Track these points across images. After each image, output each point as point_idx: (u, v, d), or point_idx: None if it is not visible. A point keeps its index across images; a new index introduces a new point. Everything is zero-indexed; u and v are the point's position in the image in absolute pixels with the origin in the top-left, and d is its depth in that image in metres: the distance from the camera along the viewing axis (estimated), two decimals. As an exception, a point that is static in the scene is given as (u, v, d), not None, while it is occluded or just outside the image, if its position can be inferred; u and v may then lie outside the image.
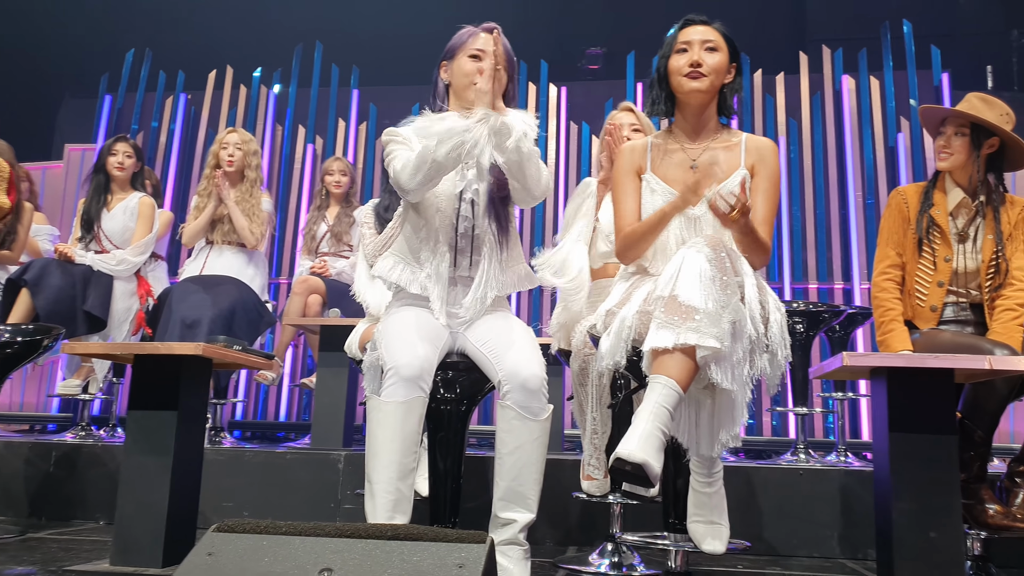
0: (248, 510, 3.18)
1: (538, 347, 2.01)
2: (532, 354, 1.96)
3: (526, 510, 1.93)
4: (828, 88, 6.10)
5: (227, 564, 1.18)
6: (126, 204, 4.10)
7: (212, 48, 7.05)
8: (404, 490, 1.85)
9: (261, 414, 6.10)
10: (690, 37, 2.03)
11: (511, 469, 1.92)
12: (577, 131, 6.28)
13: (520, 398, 1.91)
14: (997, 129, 2.51)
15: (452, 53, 2.17)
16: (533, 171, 1.99)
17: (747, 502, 2.96)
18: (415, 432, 1.88)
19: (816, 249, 5.84)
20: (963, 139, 2.54)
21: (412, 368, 1.87)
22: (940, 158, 2.57)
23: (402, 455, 1.85)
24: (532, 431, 1.92)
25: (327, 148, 6.48)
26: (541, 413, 1.93)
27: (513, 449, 1.91)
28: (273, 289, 6.05)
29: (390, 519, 1.83)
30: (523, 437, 1.91)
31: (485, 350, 1.99)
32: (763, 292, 1.83)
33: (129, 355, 2.43)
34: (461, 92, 2.13)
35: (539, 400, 1.92)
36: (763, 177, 2.01)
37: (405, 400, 1.86)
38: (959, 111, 2.56)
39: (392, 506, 1.83)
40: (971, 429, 2.29)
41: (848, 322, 3.90)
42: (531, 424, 1.92)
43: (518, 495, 1.92)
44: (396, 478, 1.84)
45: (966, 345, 2.28)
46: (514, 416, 1.91)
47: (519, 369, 1.91)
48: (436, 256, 2.05)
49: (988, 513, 2.28)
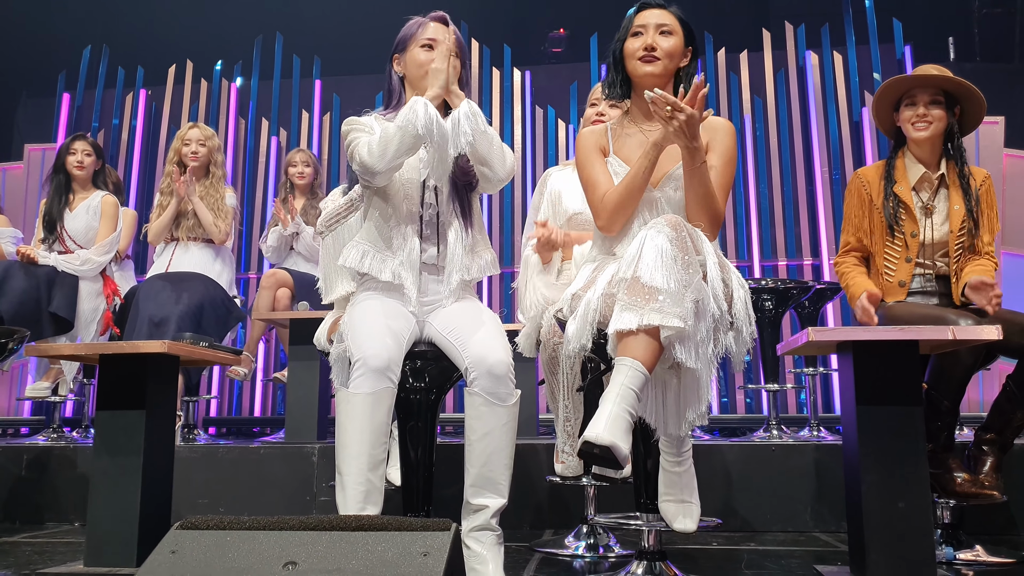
0: (223, 506, 3.16)
1: (504, 332, 2.01)
2: (497, 340, 1.95)
3: (497, 495, 1.93)
4: (792, 65, 6.14)
5: (191, 561, 1.17)
6: (88, 203, 4.04)
7: (171, 43, 6.93)
8: (375, 481, 1.85)
9: (236, 410, 6.06)
10: (645, 20, 2.03)
11: (481, 455, 1.92)
12: (542, 115, 6.26)
13: (487, 384, 1.91)
14: (966, 89, 2.49)
15: (404, 45, 2.16)
16: (497, 152, 2.01)
17: (722, 480, 2.99)
18: (384, 423, 1.87)
19: (784, 226, 5.89)
20: (939, 108, 2.51)
21: (379, 359, 1.86)
22: (918, 128, 2.51)
23: (371, 446, 1.84)
24: (500, 416, 1.92)
25: (291, 140, 6.42)
26: (509, 398, 1.94)
27: (482, 435, 1.91)
28: (242, 284, 5.99)
29: (361, 510, 1.82)
30: (491, 423, 1.91)
31: (451, 337, 1.99)
32: (725, 270, 1.83)
33: (95, 355, 2.40)
34: (417, 83, 2.12)
35: (506, 385, 1.92)
36: (717, 154, 2.01)
37: (373, 391, 1.85)
38: (932, 76, 2.52)
39: (363, 497, 1.83)
40: (937, 399, 2.32)
41: (817, 297, 3.94)
42: (499, 410, 1.92)
43: (489, 481, 1.92)
44: (366, 469, 1.84)
45: (931, 316, 2.30)
46: (482, 402, 1.91)
47: (485, 355, 1.91)
48: (407, 243, 2.05)
49: (956, 482, 2.31)
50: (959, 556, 2.34)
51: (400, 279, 2.02)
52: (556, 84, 6.36)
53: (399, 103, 2.15)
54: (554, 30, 6.95)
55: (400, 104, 2.13)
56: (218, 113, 6.53)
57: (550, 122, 6.23)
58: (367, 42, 6.79)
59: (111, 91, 6.72)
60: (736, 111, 6.09)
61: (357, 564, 1.13)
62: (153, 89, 6.68)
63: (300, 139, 6.40)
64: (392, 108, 2.15)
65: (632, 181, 1.94)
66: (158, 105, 6.67)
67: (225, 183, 4.07)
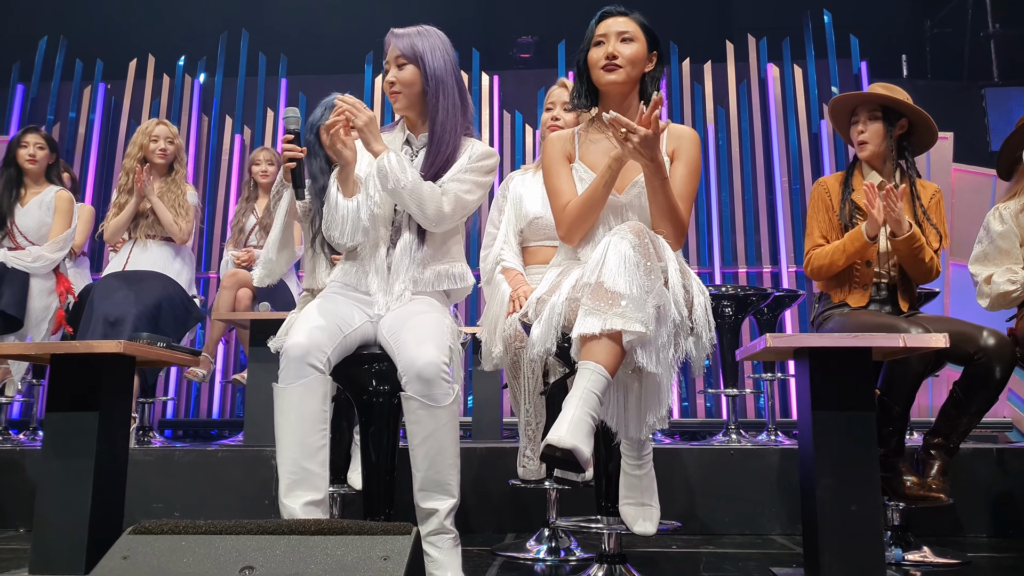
0: (179, 511, 3.10)
1: (443, 332, 1.96)
2: (429, 341, 1.90)
3: (447, 496, 1.91)
4: (754, 76, 6.24)
5: (144, 567, 1.15)
6: (41, 198, 3.94)
7: (132, 36, 6.80)
8: (313, 468, 1.84)
9: (193, 412, 5.96)
10: (606, 29, 2.05)
11: (425, 459, 1.89)
12: (510, 119, 6.28)
13: (418, 388, 1.87)
14: (905, 106, 2.61)
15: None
16: (413, 204, 2.02)
17: (681, 483, 3.02)
18: (317, 411, 1.87)
19: (745, 234, 5.98)
20: (877, 123, 2.63)
21: (298, 348, 1.88)
22: (859, 143, 2.66)
23: (303, 435, 1.84)
24: (439, 418, 1.88)
25: (255, 138, 6.34)
26: (444, 399, 1.89)
27: (423, 439, 1.88)
28: (202, 284, 5.90)
29: (295, 498, 1.82)
30: (430, 425, 1.88)
31: (391, 340, 1.97)
32: (686, 276, 1.86)
33: (46, 355, 2.33)
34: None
35: (438, 387, 1.87)
36: (682, 162, 2.03)
37: (297, 382, 1.86)
38: (869, 93, 2.66)
39: (294, 484, 1.83)
40: (889, 405, 2.38)
41: (776, 305, 4.00)
42: (436, 411, 1.88)
43: (436, 483, 1.89)
44: (299, 458, 1.83)
45: (883, 325, 2.36)
46: (418, 406, 1.88)
47: (414, 359, 1.87)
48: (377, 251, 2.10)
49: (906, 485, 2.37)
50: (907, 557, 2.40)
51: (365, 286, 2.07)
52: (524, 89, 6.39)
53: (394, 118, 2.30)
54: (523, 36, 6.98)
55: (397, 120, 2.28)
56: (180, 109, 6.43)
57: (517, 127, 6.26)
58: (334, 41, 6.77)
59: (68, 83, 6.57)
60: (699, 120, 6.17)
61: (316, 569, 1.12)
62: (113, 83, 6.55)
63: (264, 138, 6.33)
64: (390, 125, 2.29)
65: (592, 195, 1.96)
66: (118, 99, 6.54)
67: (186, 180, 4.01)
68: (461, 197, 2.07)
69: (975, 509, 2.95)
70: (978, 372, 2.35)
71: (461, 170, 2.09)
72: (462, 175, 2.09)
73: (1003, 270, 2.65)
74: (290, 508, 1.84)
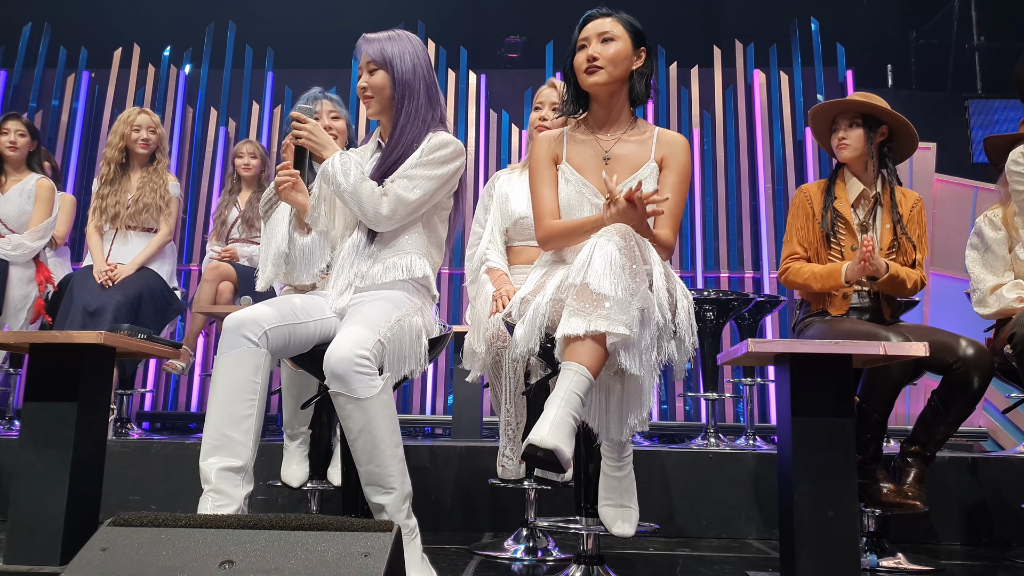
0: (156, 503, 3.08)
1: (376, 323, 1.91)
2: (347, 335, 1.85)
3: (389, 489, 1.85)
4: (740, 82, 6.28)
5: (122, 559, 1.14)
6: (22, 186, 3.90)
7: (117, 25, 6.74)
8: (234, 435, 1.82)
9: (172, 405, 5.92)
10: (588, 32, 2.07)
11: (363, 453, 1.85)
12: (497, 119, 6.28)
13: (335, 384, 1.82)
14: (885, 113, 2.63)
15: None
16: (356, 209, 2.07)
17: (659, 486, 3.04)
18: (246, 381, 1.85)
19: (727, 239, 6.01)
20: (857, 129, 2.66)
21: (234, 320, 1.89)
22: (840, 150, 2.69)
23: (227, 403, 1.83)
24: (367, 409, 1.82)
25: (240, 131, 6.30)
26: (365, 391, 1.82)
27: (358, 433, 1.84)
28: (183, 276, 5.86)
29: (211, 463, 1.81)
30: (360, 419, 1.83)
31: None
32: (671, 280, 1.87)
33: (24, 344, 2.31)
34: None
35: (355, 380, 1.81)
36: (672, 171, 2.05)
37: (229, 352, 1.87)
38: (849, 101, 2.69)
39: (213, 449, 1.81)
40: (868, 412, 2.40)
41: (757, 310, 4.03)
42: (363, 403, 1.82)
43: (379, 476, 1.85)
44: (221, 424, 1.82)
45: (864, 332, 2.38)
46: (345, 400, 1.83)
47: (328, 356, 1.83)
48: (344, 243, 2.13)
49: (882, 492, 2.40)
50: (882, 563, 2.42)
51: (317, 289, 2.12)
52: (511, 89, 6.39)
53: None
54: (511, 36, 6.98)
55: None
56: (165, 100, 6.37)
57: (504, 126, 6.26)
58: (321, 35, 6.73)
59: (51, 71, 6.50)
60: (685, 125, 6.20)
61: (296, 564, 1.11)
62: (97, 72, 6.48)
63: (249, 130, 6.29)
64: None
65: (578, 229, 1.98)
66: (102, 88, 6.47)
67: (169, 171, 3.98)
68: (402, 196, 2.06)
69: (949, 517, 2.98)
70: (956, 381, 2.37)
71: (411, 165, 2.09)
72: (411, 170, 2.08)
73: (1011, 284, 2.68)
74: (205, 472, 1.82)
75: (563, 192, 2.07)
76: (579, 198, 2.06)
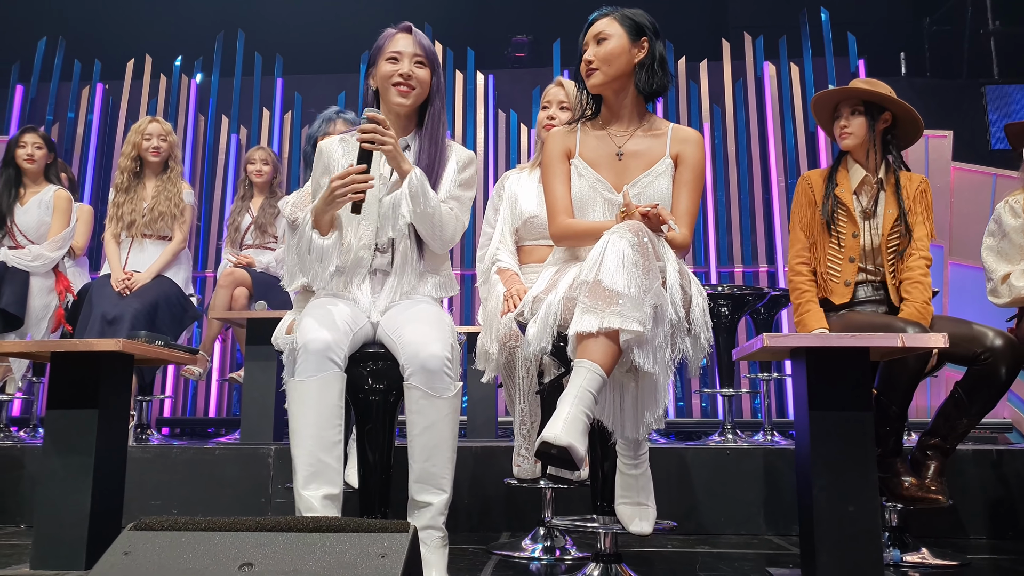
0: (176, 508, 3.11)
1: (444, 327, 1.97)
2: (432, 333, 1.92)
3: (440, 490, 1.91)
4: (750, 75, 6.25)
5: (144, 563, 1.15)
6: (40, 197, 3.96)
7: (129, 37, 6.80)
8: (329, 461, 1.84)
9: (190, 410, 5.97)
10: (588, 37, 2.10)
11: (423, 450, 1.90)
12: (505, 119, 6.28)
13: (421, 378, 1.89)
14: (887, 99, 2.61)
15: (374, 59, 2.17)
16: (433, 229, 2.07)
17: (677, 483, 3.03)
18: (334, 406, 1.86)
19: (741, 233, 5.98)
20: (859, 117, 2.64)
21: (319, 342, 1.87)
22: (842, 138, 2.67)
23: (319, 428, 1.83)
24: (440, 409, 1.89)
25: (251, 138, 6.35)
26: (444, 391, 1.90)
27: (423, 429, 1.89)
28: (198, 282, 5.91)
29: (313, 490, 1.81)
30: (432, 416, 1.89)
31: (392, 335, 1.98)
32: (684, 277, 1.86)
33: (46, 353, 2.34)
34: (384, 96, 2.15)
35: (442, 380, 1.89)
36: (687, 167, 2.05)
37: (317, 375, 1.86)
38: (850, 88, 2.67)
39: (313, 476, 1.81)
40: (886, 405, 2.38)
41: (772, 304, 4.01)
42: (438, 402, 1.89)
43: (432, 475, 1.90)
44: (316, 449, 1.82)
45: (880, 325, 2.36)
46: (420, 396, 1.89)
47: (418, 350, 1.89)
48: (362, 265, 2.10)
49: (903, 485, 2.37)
50: (906, 558, 2.40)
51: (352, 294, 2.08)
52: (519, 88, 6.39)
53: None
54: (518, 35, 6.98)
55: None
56: (177, 109, 6.43)
57: (512, 126, 6.26)
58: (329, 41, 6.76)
59: (67, 84, 6.58)
60: (695, 119, 6.18)
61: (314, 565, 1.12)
62: (110, 83, 6.55)
63: (261, 137, 6.33)
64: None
65: (592, 233, 1.95)
66: (115, 99, 6.54)
67: (183, 179, 4.02)
68: (463, 220, 2.15)
69: (974, 510, 2.95)
70: (983, 372, 2.34)
71: (454, 185, 2.14)
72: (457, 192, 2.14)
73: (1019, 272, 2.64)
74: (308, 500, 1.83)
75: (576, 187, 2.07)
76: (592, 193, 2.06)
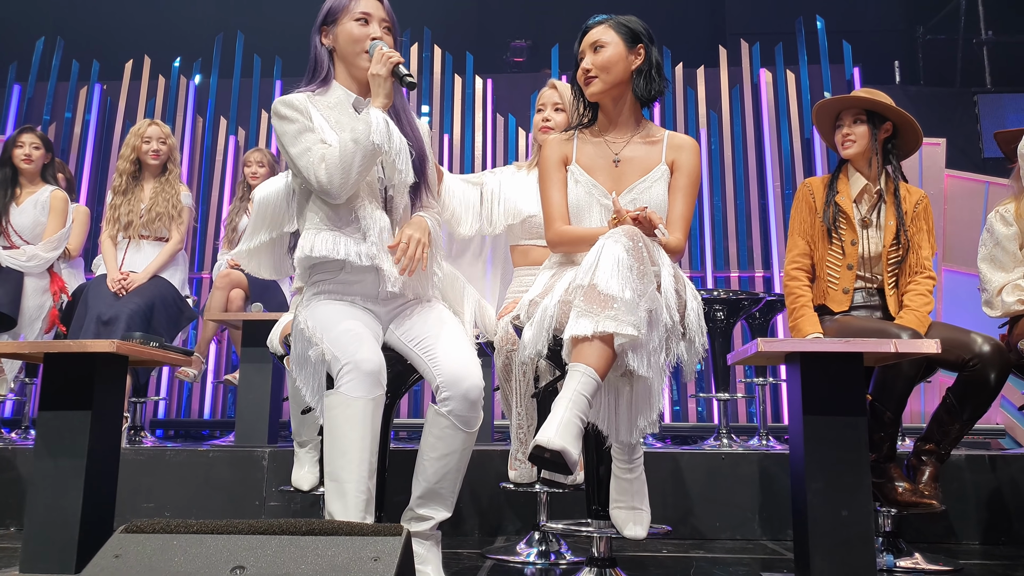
0: (170, 510, 3.10)
1: (472, 345, 1.96)
2: (471, 359, 1.88)
3: (444, 509, 1.92)
4: (747, 81, 6.26)
5: (135, 566, 1.15)
6: (36, 198, 3.95)
7: (128, 37, 6.80)
8: (372, 488, 1.79)
9: (184, 412, 5.95)
10: (584, 45, 2.11)
11: (435, 474, 1.88)
12: (503, 123, 6.29)
13: (458, 407, 1.84)
14: (889, 109, 2.62)
15: (334, 17, 2.02)
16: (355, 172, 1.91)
17: (672, 487, 3.03)
18: (378, 431, 1.82)
19: (737, 238, 6.00)
20: (862, 126, 2.65)
21: (372, 363, 1.79)
22: (844, 147, 2.67)
23: (371, 453, 1.78)
24: (464, 441, 1.88)
25: (249, 140, 6.34)
26: (475, 423, 1.89)
27: (440, 456, 1.87)
28: (195, 284, 5.90)
29: (363, 519, 1.75)
30: (454, 446, 1.87)
31: (419, 349, 1.92)
32: (679, 281, 1.87)
33: (39, 354, 2.33)
34: (351, 59, 2.00)
35: (476, 411, 1.88)
36: (682, 174, 2.06)
37: (370, 396, 1.78)
38: (853, 96, 2.68)
39: (364, 506, 1.75)
40: (881, 410, 2.39)
41: (767, 309, 4.02)
42: (463, 435, 1.88)
43: (438, 496, 1.90)
44: (367, 476, 1.76)
45: (874, 330, 2.37)
46: (448, 425, 1.86)
47: (459, 378, 1.84)
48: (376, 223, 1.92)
49: (897, 491, 2.38)
50: (899, 563, 2.41)
51: (375, 260, 1.88)
52: (517, 93, 6.40)
53: (327, 78, 2.03)
54: (516, 40, 6.99)
55: (328, 80, 2.03)
56: (175, 110, 6.42)
57: (511, 130, 6.26)
58: (328, 44, 6.76)
59: (64, 84, 6.57)
60: (692, 125, 6.19)
61: (307, 569, 1.12)
62: (108, 83, 6.55)
63: (259, 139, 6.33)
64: (319, 83, 2.03)
65: (587, 240, 1.93)
66: (113, 100, 6.53)
67: (180, 181, 4.01)
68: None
69: (967, 516, 2.96)
70: (972, 378, 2.35)
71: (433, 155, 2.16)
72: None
73: (1011, 287, 2.65)
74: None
75: (573, 193, 2.08)
76: (588, 199, 2.06)
